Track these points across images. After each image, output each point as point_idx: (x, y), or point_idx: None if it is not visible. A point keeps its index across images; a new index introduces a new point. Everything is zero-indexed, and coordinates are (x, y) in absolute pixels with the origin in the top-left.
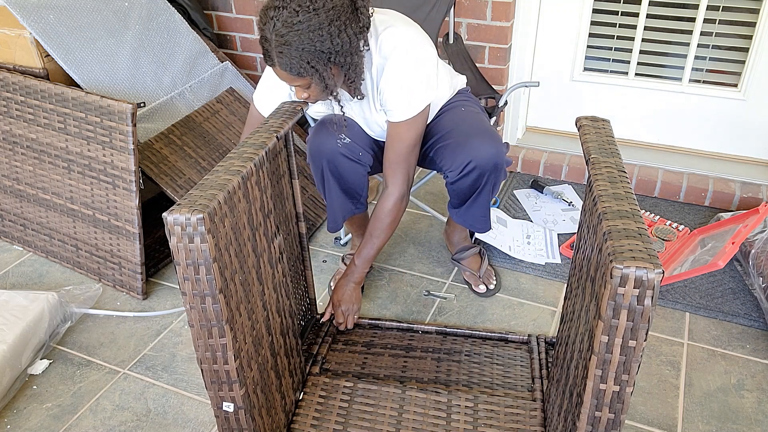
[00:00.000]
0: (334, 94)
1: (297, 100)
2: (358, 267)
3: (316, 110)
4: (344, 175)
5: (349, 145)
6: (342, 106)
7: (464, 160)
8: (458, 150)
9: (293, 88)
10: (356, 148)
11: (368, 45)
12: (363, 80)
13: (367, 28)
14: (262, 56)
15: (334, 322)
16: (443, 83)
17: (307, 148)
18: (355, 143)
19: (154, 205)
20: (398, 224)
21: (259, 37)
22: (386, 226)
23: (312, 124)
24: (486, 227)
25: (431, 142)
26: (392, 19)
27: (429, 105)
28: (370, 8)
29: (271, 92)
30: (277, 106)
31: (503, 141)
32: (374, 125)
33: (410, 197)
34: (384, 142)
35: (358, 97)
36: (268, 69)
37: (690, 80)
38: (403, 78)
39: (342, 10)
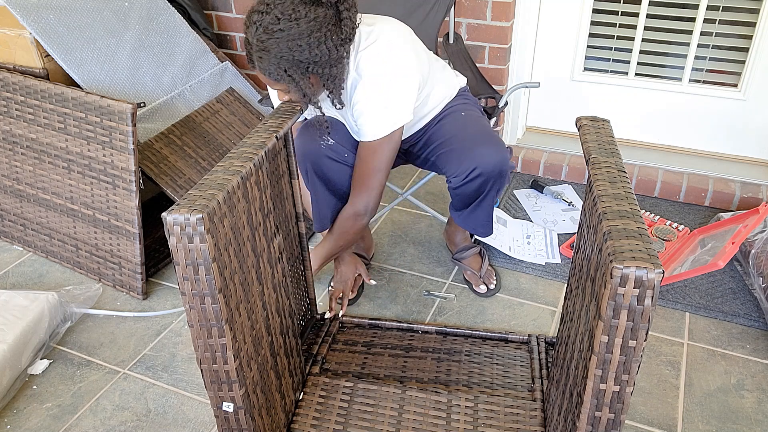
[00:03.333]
0: (314, 101)
1: (296, 101)
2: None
3: (311, 111)
4: (330, 176)
5: (333, 146)
6: (323, 113)
7: (469, 167)
8: (463, 156)
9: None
10: (341, 150)
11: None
12: (343, 90)
13: (350, 40)
14: None
15: (336, 297)
16: (437, 92)
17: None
18: (340, 144)
19: (154, 205)
20: (353, 238)
21: (243, 38)
22: (340, 235)
23: None
24: (488, 231)
25: (433, 147)
26: (379, 31)
27: (401, 129)
28: (358, 18)
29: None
30: (276, 107)
31: (506, 146)
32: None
33: (410, 198)
34: None
35: (338, 107)
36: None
37: (690, 80)
38: (373, 101)
39: (324, 21)
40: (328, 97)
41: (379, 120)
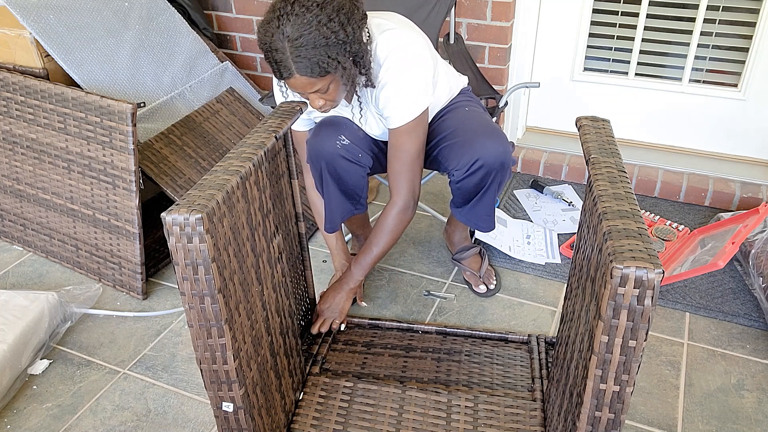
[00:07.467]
0: (356, 86)
1: (296, 100)
2: (354, 275)
3: (317, 114)
4: (343, 177)
5: (348, 146)
6: (361, 102)
7: (471, 158)
8: (465, 148)
9: (308, 98)
10: (355, 150)
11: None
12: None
13: (366, 17)
14: (262, 57)
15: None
16: (441, 86)
17: (306, 149)
18: (354, 144)
19: (154, 205)
20: (400, 235)
21: (265, 54)
22: (386, 236)
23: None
24: (490, 226)
25: (435, 143)
26: (389, 22)
27: (427, 110)
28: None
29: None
30: (276, 107)
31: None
32: (374, 126)
33: None
34: (383, 142)
35: (371, 87)
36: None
37: (690, 80)
38: (397, 83)
39: (342, 1)
40: (363, 75)
41: (406, 102)
